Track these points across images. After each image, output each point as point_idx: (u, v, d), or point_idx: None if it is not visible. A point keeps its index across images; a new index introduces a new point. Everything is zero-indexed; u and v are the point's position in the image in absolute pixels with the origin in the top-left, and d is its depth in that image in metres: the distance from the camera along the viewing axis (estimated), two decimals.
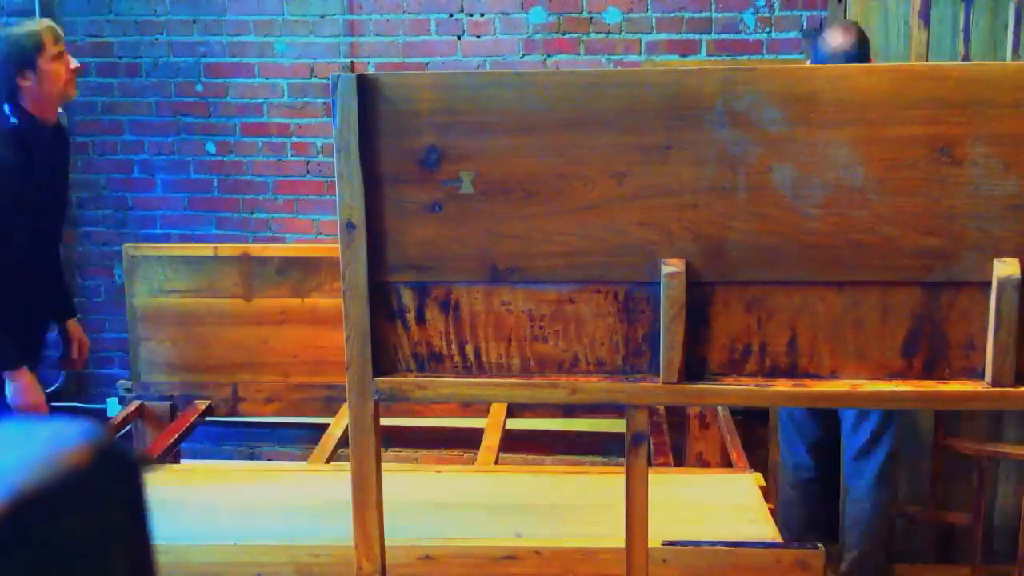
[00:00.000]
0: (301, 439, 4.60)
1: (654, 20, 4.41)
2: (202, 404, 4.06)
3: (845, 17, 4.21)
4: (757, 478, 3.29)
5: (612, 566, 2.70)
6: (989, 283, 1.89)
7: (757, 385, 1.98)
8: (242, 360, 4.34)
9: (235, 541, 2.92)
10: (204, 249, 4.39)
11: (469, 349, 2.04)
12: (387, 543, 2.89)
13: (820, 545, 2.70)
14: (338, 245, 1.99)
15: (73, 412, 4.61)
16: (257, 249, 4.39)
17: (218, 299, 4.32)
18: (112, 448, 0.64)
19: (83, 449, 0.62)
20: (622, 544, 2.73)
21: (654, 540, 2.78)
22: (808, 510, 3.94)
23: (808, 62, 3.69)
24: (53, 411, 4.12)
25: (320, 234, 4.64)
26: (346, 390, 2.04)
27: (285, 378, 4.33)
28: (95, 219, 4.73)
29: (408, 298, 2.03)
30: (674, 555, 2.72)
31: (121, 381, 4.51)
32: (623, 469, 2.09)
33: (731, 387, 1.98)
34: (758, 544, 2.77)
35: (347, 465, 2.12)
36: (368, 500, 2.09)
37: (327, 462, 3.60)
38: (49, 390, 4.76)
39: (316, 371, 4.30)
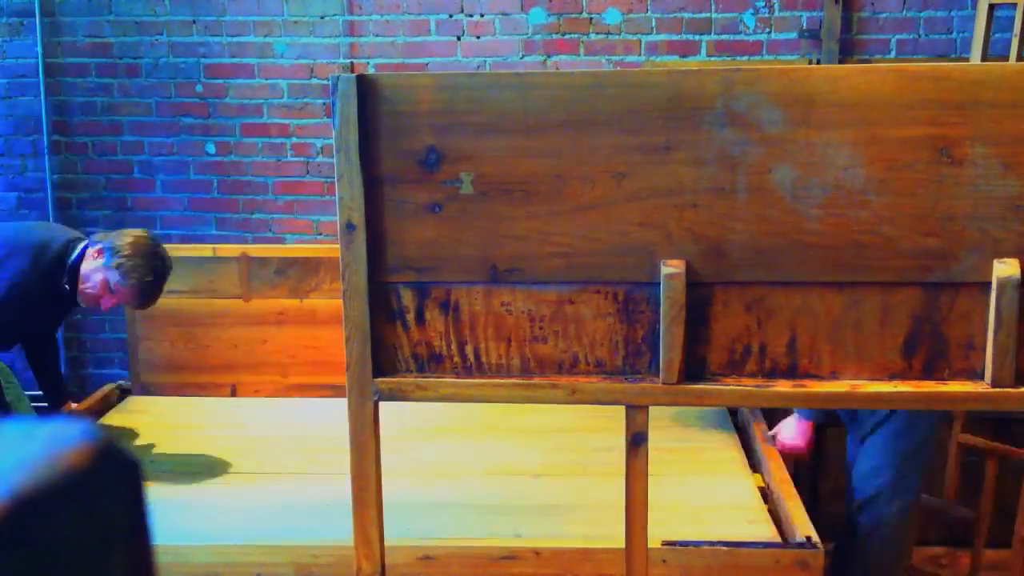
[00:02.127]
0: None
1: (654, 21, 4.41)
2: None
3: (840, 18, 4.21)
4: (756, 479, 3.29)
5: (611, 566, 2.71)
6: (989, 284, 1.89)
7: (757, 386, 1.98)
8: (241, 360, 4.34)
9: (236, 542, 2.92)
10: (203, 250, 4.40)
11: (469, 349, 2.04)
12: (387, 543, 2.89)
13: (819, 545, 2.70)
14: (337, 245, 1.99)
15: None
16: (256, 250, 4.39)
17: (217, 299, 4.33)
18: (112, 448, 0.64)
19: (83, 449, 0.62)
20: (621, 544, 2.73)
21: (654, 540, 2.78)
22: None
23: None
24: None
25: (320, 234, 4.64)
26: (345, 390, 2.04)
27: (283, 378, 4.33)
28: (94, 219, 4.72)
29: (408, 298, 2.03)
30: (674, 555, 2.73)
31: (120, 381, 4.51)
32: (622, 469, 2.09)
33: (731, 387, 1.98)
34: (758, 544, 2.78)
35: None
36: (368, 500, 2.09)
37: None
38: None
39: (314, 371, 4.31)
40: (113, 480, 0.65)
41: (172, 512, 3.14)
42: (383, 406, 2.08)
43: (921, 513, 3.64)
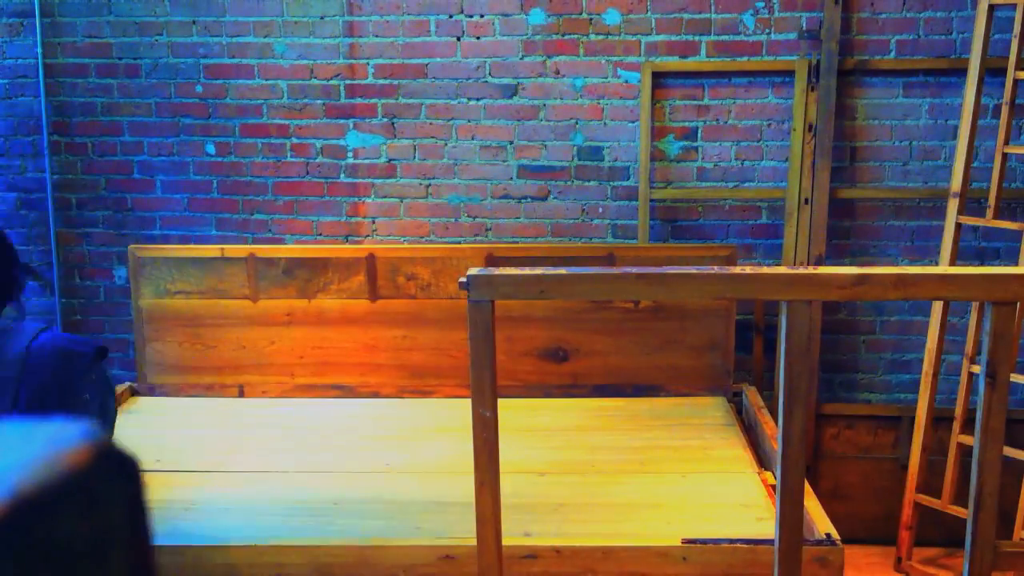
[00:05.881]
0: None
1: (654, 21, 4.42)
2: None
3: (840, 18, 4.24)
4: (769, 476, 3.30)
5: (632, 564, 2.73)
6: None
7: None
8: (248, 361, 4.33)
9: (253, 541, 2.92)
10: (211, 250, 4.38)
11: None
12: (406, 542, 2.92)
13: (839, 542, 2.71)
14: (344, 246, 1.98)
15: None
16: (264, 250, 4.37)
17: (225, 300, 4.32)
18: (112, 448, 0.65)
19: (83, 449, 0.62)
20: (642, 542, 2.76)
21: (673, 538, 2.81)
22: None
23: None
24: None
25: (320, 235, 4.62)
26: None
27: (291, 379, 4.32)
28: (94, 220, 4.70)
29: None
30: (694, 553, 2.73)
31: (129, 383, 4.49)
32: (628, 468, 2.10)
33: None
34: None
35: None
36: None
37: None
38: None
39: (322, 372, 4.29)
40: (113, 480, 0.65)
41: (182, 513, 3.15)
42: (379, 407, 2.09)
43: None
